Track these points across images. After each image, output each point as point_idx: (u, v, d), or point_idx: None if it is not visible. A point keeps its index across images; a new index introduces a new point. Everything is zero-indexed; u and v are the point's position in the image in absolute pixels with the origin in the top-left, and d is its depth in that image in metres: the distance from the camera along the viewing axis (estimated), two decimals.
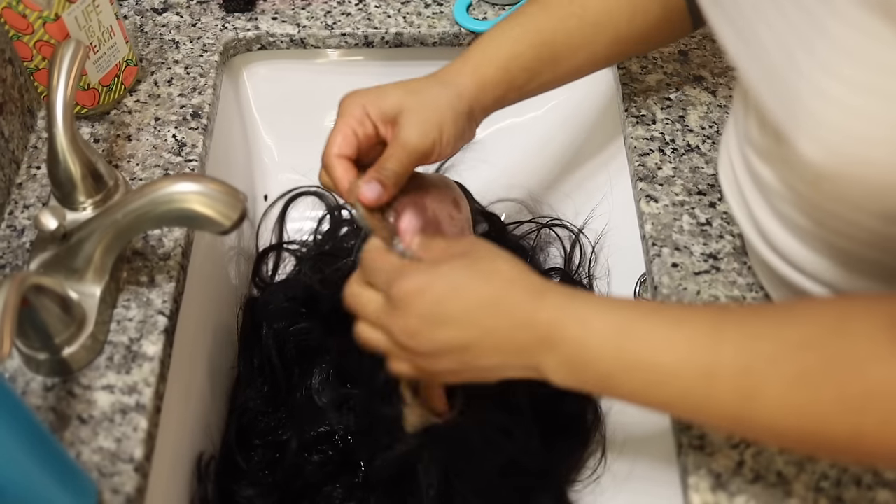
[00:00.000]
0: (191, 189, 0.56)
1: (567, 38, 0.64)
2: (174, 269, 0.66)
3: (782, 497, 0.55)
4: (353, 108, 0.60)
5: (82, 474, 0.53)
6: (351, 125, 0.60)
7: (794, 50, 0.42)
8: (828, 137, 0.41)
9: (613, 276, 0.82)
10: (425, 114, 0.59)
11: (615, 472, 0.70)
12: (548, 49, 0.63)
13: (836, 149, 0.41)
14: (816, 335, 0.43)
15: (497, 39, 0.63)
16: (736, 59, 0.48)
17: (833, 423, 0.42)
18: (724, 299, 0.64)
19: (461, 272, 0.51)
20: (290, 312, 0.86)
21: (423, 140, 0.58)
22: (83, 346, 0.59)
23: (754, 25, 0.45)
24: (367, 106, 0.60)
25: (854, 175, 0.42)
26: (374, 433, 0.72)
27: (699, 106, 0.77)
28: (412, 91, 0.60)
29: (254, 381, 0.85)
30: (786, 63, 0.43)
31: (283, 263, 0.95)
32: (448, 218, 0.63)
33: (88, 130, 0.76)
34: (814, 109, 0.41)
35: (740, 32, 0.47)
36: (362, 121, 0.60)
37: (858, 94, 0.39)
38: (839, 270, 0.52)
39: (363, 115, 0.60)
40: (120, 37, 0.75)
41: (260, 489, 0.77)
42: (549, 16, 0.64)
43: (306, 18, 0.87)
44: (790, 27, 0.42)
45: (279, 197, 0.96)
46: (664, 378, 0.45)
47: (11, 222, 0.69)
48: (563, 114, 0.90)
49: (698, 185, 0.72)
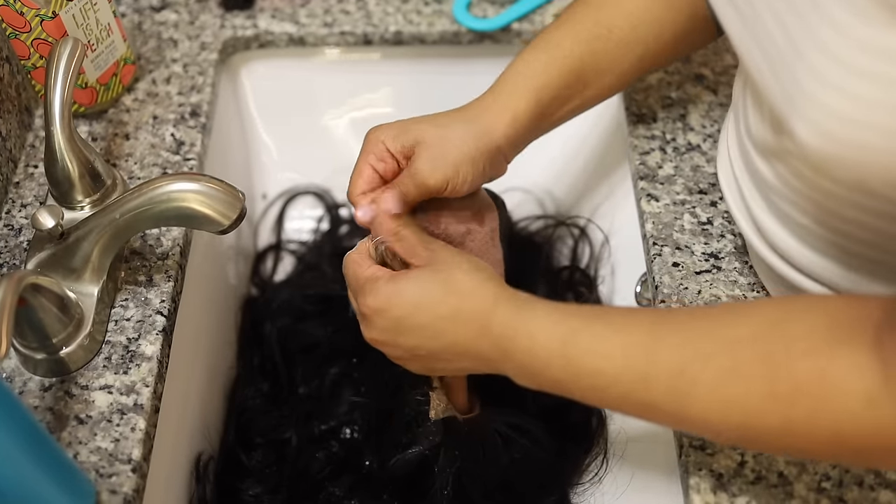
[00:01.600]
0: (189, 188, 0.56)
1: (594, 61, 0.62)
2: (172, 269, 0.66)
3: (784, 498, 0.55)
4: (374, 144, 0.60)
5: (80, 474, 0.52)
6: (371, 162, 0.60)
7: (794, 33, 0.42)
8: (824, 121, 0.41)
9: (614, 276, 0.82)
10: (443, 150, 0.58)
11: (617, 473, 0.70)
12: (576, 75, 0.62)
13: (832, 133, 0.41)
14: (753, 332, 0.44)
15: (525, 71, 0.61)
16: (737, 42, 0.49)
17: (764, 415, 0.43)
18: (725, 299, 0.63)
19: (419, 289, 0.53)
20: (295, 311, 0.86)
21: (433, 175, 0.58)
22: (81, 345, 0.59)
23: (757, 8, 0.45)
24: (387, 142, 0.60)
25: (850, 162, 0.41)
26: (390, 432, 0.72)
27: (700, 104, 0.77)
28: (435, 125, 0.60)
29: (254, 379, 0.85)
30: (786, 46, 0.43)
31: (282, 263, 0.95)
32: (464, 233, 0.63)
33: (86, 129, 0.76)
34: (812, 93, 0.41)
35: (743, 14, 0.47)
36: (383, 157, 0.60)
37: (857, 80, 0.39)
38: (838, 269, 0.52)
39: (383, 152, 0.60)
40: (118, 35, 0.75)
41: (267, 486, 0.77)
42: (575, 40, 0.62)
43: (305, 16, 0.87)
44: (792, 9, 0.42)
45: (278, 196, 0.96)
46: (607, 383, 0.48)
47: (9, 221, 0.69)
48: None
49: (699, 184, 0.71)
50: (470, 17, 0.86)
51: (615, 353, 0.47)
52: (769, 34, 0.45)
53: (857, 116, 0.40)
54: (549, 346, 0.49)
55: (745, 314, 0.46)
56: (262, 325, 0.87)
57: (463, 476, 0.67)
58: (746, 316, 0.46)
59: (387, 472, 0.71)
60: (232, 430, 0.81)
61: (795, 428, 0.42)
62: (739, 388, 0.43)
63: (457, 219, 0.62)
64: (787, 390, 0.42)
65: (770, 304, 0.48)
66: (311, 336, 0.84)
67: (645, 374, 0.46)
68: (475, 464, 0.68)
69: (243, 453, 0.79)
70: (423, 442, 0.66)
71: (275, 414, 0.81)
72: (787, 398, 0.42)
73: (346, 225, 0.95)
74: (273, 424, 0.81)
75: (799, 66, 0.42)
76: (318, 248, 0.94)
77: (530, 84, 0.61)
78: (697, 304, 0.63)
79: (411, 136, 0.59)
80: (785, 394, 0.42)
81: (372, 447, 0.76)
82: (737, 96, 0.59)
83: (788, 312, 0.45)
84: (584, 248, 0.85)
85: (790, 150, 0.49)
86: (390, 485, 0.73)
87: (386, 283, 0.54)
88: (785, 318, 0.44)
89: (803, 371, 0.42)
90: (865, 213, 0.47)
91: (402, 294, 0.53)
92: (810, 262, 0.53)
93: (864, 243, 0.49)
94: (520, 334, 0.50)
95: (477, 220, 0.63)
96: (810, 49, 0.41)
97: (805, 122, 0.42)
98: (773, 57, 0.45)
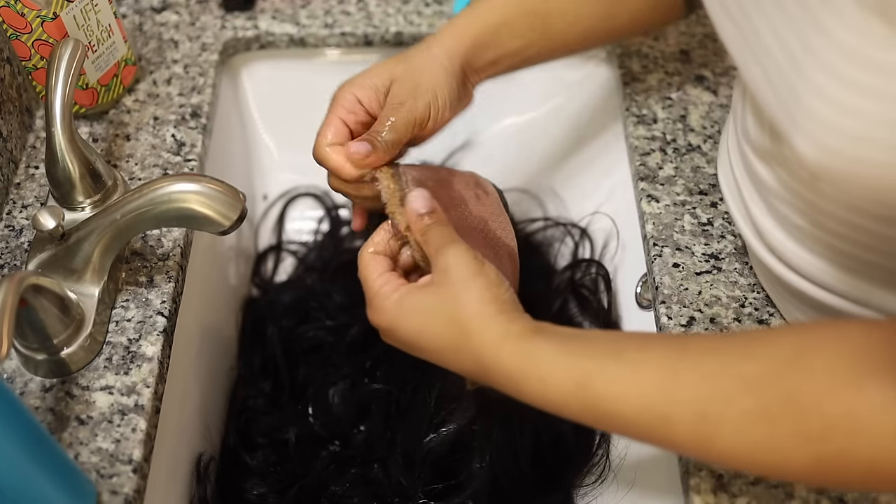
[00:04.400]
0: (190, 189, 0.56)
1: (561, 9, 0.63)
2: (173, 270, 0.66)
3: (783, 498, 0.55)
4: (343, 97, 0.60)
5: (81, 475, 0.52)
6: (340, 115, 0.59)
7: (793, 48, 0.42)
8: (824, 136, 0.41)
9: (615, 277, 0.82)
10: (417, 80, 0.59)
11: (618, 473, 0.70)
12: (539, 20, 0.63)
13: (832, 148, 0.41)
14: (773, 369, 0.43)
15: (481, 6, 0.63)
16: (736, 57, 0.48)
17: (794, 455, 0.42)
18: (726, 299, 0.63)
19: (425, 316, 0.51)
20: (298, 311, 0.86)
21: (416, 104, 0.58)
22: (82, 346, 0.59)
23: (755, 23, 0.45)
24: (356, 92, 0.59)
25: (850, 175, 0.41)
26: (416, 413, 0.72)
27: (700, 105, 0.77)
28: (400, 61, 0.60)
29: (255, 380, 0.85)
30: (785, 61, 0.43)
31: (283, 264, 0.95)
32: (474, 198, 0.62)
33: (87, 130, 0.76)
34: (811, 108, 0.41)
35: (741, 30, 0.47)
36: (353, 108, 0.59)
37: (856, 94, 0.39)
38: (836, 272, 0.52)
39: (353, 103, 0.59)
40: (118, 36, 0.75)
41: (272, 486, 0.77)
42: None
43: (306, 17, 0.87)
44: (791, 25, 0.42)
45: (278, 197, 0.96)
46: (626, 424, 0.47)
47: (9, 222, 0.69)
48: (563, 113, 0.90)
49: (699, 184, 0.71)
50: None
51: (631, 395, 0.46)
52: (767, 49, 0.44)
53: (858, 132, 0.39)
54: (564, 391, 0.47)
55: (761, 347, 0.45)
56: (262, 325, 0.87)
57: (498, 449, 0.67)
58: (763, 349, 0.45)
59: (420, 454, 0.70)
60: (233, 430, 0.81)
61: (827, 465, 0.41)
62: (766, 429, 0.42)
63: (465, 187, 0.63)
64: (817, 430, 0.41)
65: (785, 337, 0.46)
66: (313, 336, 0.84)
67: (665, 415, 0.45)
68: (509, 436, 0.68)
69: (245, 453, 0.79)
70: (458, 416, 0.66)
71: (276, 414, 0.81)
72: (817, 438, 0.41)
73: (346, 226, 0.95)
74: (275, 424, 0.81)
75: (798, 81, 0.42)
76: (319, 249, 0.94)
77: (488, 17, 0.62)
78: (698, 305, 0.63)
79: (384, 77, 0.59)
80: (815, 433, 0.41)
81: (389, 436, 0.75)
82: (736, 100, 0.59)
83: (805, 344, 0.43)
84: (584, 249, 0.85)
85: (788, 158, 0.49)
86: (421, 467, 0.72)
87: (393, 304, 0.52)
88: (802, 351, 0.43)
89: (831, 409, 0.41)
90: (861, 216, 0.47)
91: (406, 318, 0.52)
92: (807, 263, 0.53)
93: (860, 245, 0.49)
94: (530, 378, 0.48)
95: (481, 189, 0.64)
96: (810, 64, 0.41)
97: (804, 135, 0.42)
98: (772, 72, 0.44)
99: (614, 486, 0.70)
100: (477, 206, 0.62)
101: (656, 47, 0.82)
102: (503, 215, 0.64)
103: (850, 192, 0.45)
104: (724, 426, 0.43)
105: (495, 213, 0.64)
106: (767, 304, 0.63)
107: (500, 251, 0.61)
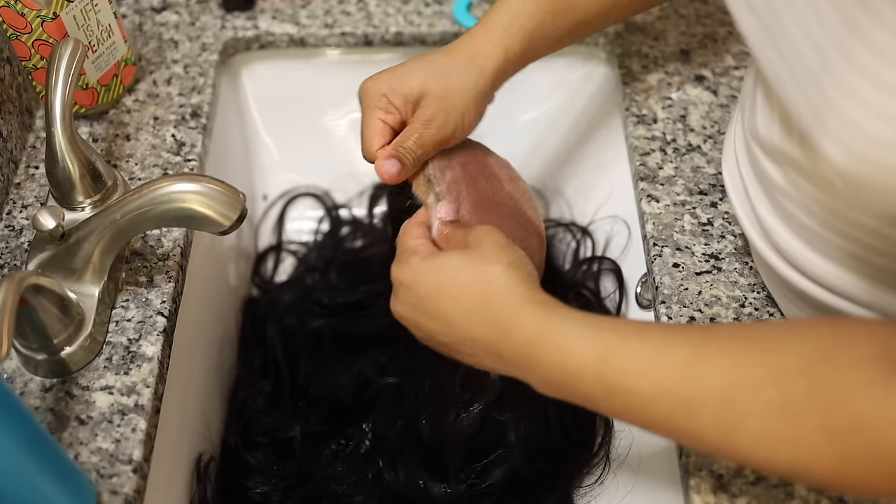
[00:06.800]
0: (190, 189, 0.56)
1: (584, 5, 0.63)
2: (173, 270, 0.66)
3: (784, 498, 0.55)
4: (376, 98, 0.60)
5: (81, 475, 0.52)
6: (379, 117, 0.59)
7: (824, 46, 0.40)
8: (855, 141, 0.39)
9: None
10: (450, 101, 0.59)
11: (618, 473, 0.70)
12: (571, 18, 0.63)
13: (862, 153, 0.39)
14: (805, 363, 0.42)
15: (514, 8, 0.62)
16: (758, 52, 0.47)
17: (818, 453, 0.41)
18: (726, 299, 0.63)
19: (450, 272, 0.51)
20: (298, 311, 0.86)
21: (445, 127, 0.59)
22: (82, 346, 0.59)
23: (782, 19, 0.43)
24: (388, 95, 0.59)
25: (879, 182, 0.40)
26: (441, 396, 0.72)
27: (700, 105, 0.77)
28: (435, 73, 0.60)
29: (255, 380, 0.85)
30: (816, 62, 0.41)
31: (283, 264, 0.95)
32: (508, 179, 0.64)
33: (87, 130, 0.76)
34: (843, 110, 0.39)
35: (765, 24, 0.45)
36: (388, 109, 0.60)
37: (893, 99, 0.37)
38: (842, 273, 0.51)
39: (387, 105, 0.59)
40: (118, 36, 0.75)
41: (276, 484, 0.77)
42: None
43: (306, 17, 0.87)
44: (823, 26, 0.40)
45: (278, 197, 0.96)
46: (645, 404, 0.45)
47: (9, 222, 0.69)
48: (563, 113, 0.90)
49: (699, 184, 0.71)
50: (470, 17, 0.86)
51: (654, 374, 0.44)
52: (794, 46, 0.43)
53: (891, 138, 0.38)
54: (583, 360, 0.46)
55: (791, 339, 0.44)
56: (262, 325, 0.87)
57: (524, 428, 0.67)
58: (792, 341, 0.44)
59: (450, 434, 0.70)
60: (233, 430, 0.81)
61: (852, 465, 0.40)
62: (791, 423, 0.41)
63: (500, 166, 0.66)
64: (844, 426, 0.40)
65: (814, 330, 0.45)
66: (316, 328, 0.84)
67: (689, 399, 0.43)
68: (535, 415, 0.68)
69: (246, 453, 0.79)
70: (484, 396, 0.66)
71: (277, 413, 0.81)
72: (844, 434, 0.40)
73: (346, 226, 0.95)
74: (276, 424, 0.81)
75: (828, 81, 0.40)
76: (319, 249, 0.94)
77: (526, 25, 0.61)
78: (698, 305, 0.63)
79: (415, 88, 0.59)
80: (843, 429, 0.40)
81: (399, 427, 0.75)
82: (745, 95, 0.58)
83: (835, 340, 0.42)
84: (586, 248, 0.85)
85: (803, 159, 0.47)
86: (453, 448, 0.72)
87: (420, 259, 0.52)
88: (832, 347, 0.42)
89: (860, 406, 0.40)
90: (880, 221, 0.46)
91: (429, 272, 0.51)
92: (813, 264, 0.52)
93: (873, 250, 0.48)
94: (550, 344, 0.47)
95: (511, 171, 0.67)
96: (842, 65, 0.39)
97: (833, 139, 0.40)
98: (798, 69, 0.43)
99: (614, 486, 0.70)
100: (510, 186, 0.64)
101: (656, 47, 0.82)
102: (532, 201, 0.66)
103: (873, 199, 0.43)
104: (751, 417, 0.42)
105: (526, 196, 0.65)
106: (768, 304, 0.63)
107: (529, 230, 0.63)
